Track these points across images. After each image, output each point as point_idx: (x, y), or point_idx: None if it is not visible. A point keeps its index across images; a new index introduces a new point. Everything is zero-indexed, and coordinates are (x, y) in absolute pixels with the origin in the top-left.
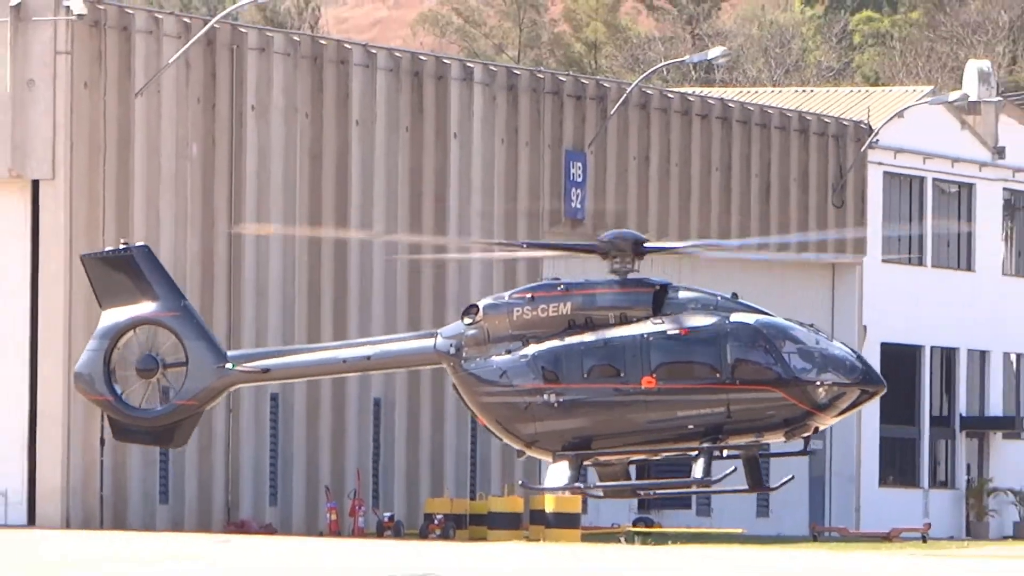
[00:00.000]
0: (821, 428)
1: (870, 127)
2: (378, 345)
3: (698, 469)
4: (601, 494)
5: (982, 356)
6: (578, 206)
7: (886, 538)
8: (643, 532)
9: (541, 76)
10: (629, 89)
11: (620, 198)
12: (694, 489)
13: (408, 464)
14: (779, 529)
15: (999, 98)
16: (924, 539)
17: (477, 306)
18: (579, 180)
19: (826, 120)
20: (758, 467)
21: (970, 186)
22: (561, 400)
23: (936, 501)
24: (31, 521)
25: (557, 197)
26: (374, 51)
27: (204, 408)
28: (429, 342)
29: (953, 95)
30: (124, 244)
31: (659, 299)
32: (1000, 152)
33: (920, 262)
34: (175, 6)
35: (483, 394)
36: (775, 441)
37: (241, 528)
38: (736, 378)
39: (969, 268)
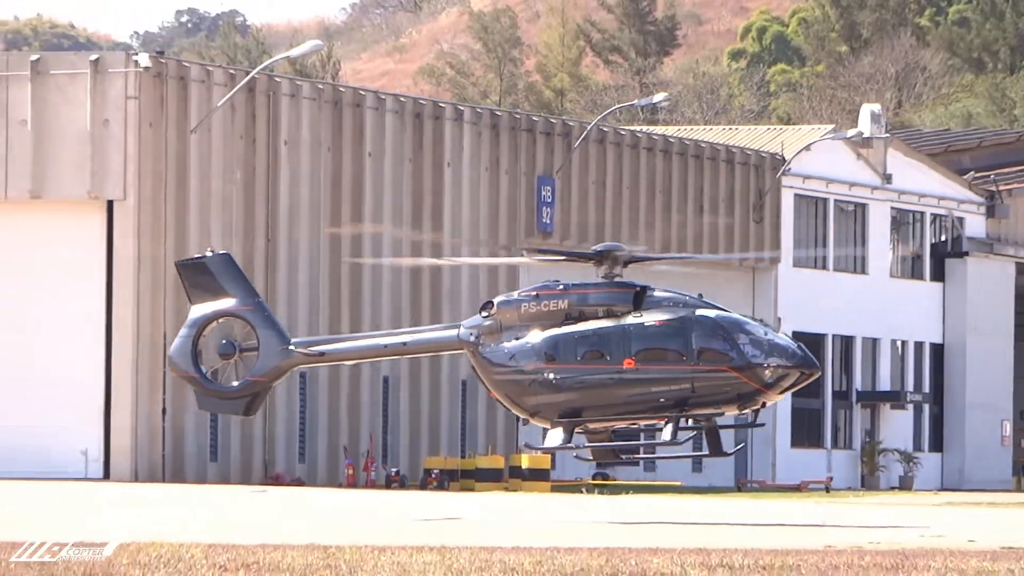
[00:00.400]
0: (768, 404)
1: (783, 158)
2: (412, 334)
3: (667, 433)
4: (589, 455)
5: (874, 343)
6: (548, 221)
7: (797, 489)
8: (600, 484)
9: (518, 117)
10: (589, 127)
11: (582, 215)
12: (664, 450)
13: (411, 429)
14: (710, 482)
15: (887, 135)
16: (827, 490)
17: (492, 302)
18: (549, 200)
19: (748, 152)
20: (718, 436)
21: (864, 206)
22: (558, 378)
23: (837, 459)
24: (106, 475)
25: (531, 214)
26: (383, 97)
27: (272, 384)
28: (453, 332)
29: (850, 132)
30: (210, 251)
31: (639, 297)
32: (888, 178)
33: (824, 267)
34: (223, 60)
35: (496, 373)
36: (731, 413)
37: (276, 480)
38: (700, 361)
39: (863, 272)
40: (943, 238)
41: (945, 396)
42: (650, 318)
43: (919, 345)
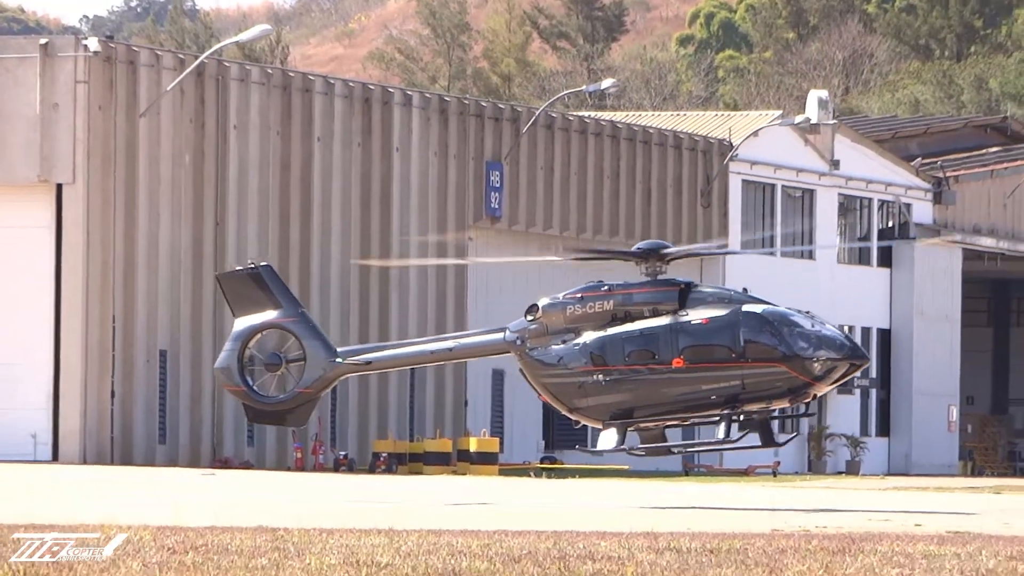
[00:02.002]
0: (819, 395)
1: (731, 144)
2: (458, 339)
3: (720, 431)
4: (643, 454)
5: None
6: (496, 206)
7: (744, 473)
8: (548, 468)
9: (466, 102)
10: (537, 113)
11: (530, 200)
12: (719, 448)
13: (359, 412)
14: (658, 465)
15: (835, 121)
16: (774, 474)
17: (537, 305)
18: (497, 185)
19: (696, 138)
20: (769, 428)
21: (811, 192)
22: (607, 379)
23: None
24: (55, 458)
25: (480, 199)
26: (332, 81)
27: (320, 395)
28: (499, 335)
29: (798, 118)
30: (252, 264)
31: (684, 295)
32: (835, 164)
33: (771, 252)
34: (172, 45)
35: (544, 376)
36: (782, 407)
37: (225, 464)
38: (748, 357)
39: (811, 257)
40: (890, 224)
41: (892, 381)
42: (696, 315)
43: (866, 330)
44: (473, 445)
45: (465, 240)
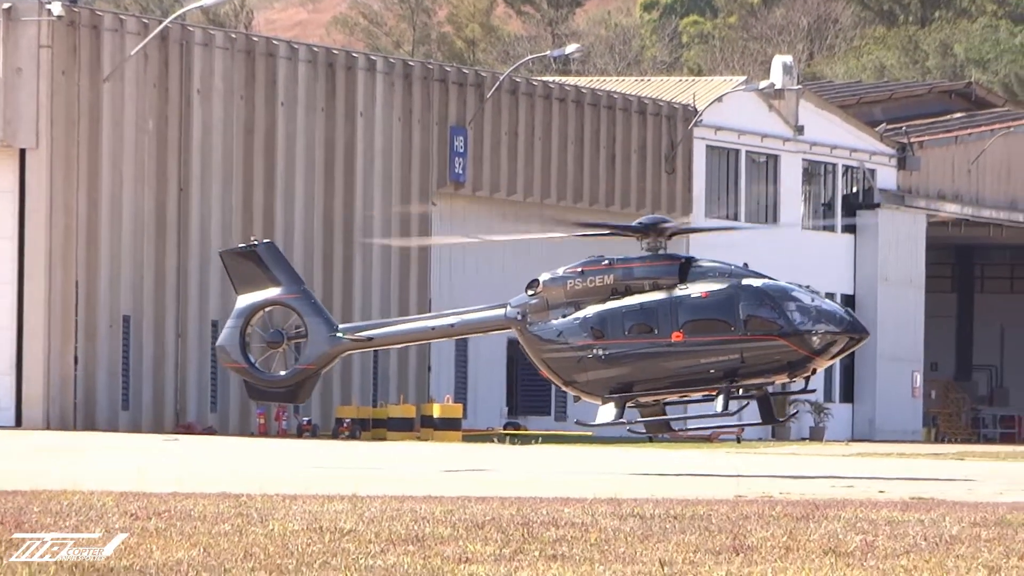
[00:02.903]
0: (818, 369)
1: (695, 109)
2: (459, 315)
3: (719, 404)
4: (643, 429)
5: None
6: (460, 172)
7: (708, 440)
8: (511, 433)
9: (431, 67)
10: (501, 78)
11: (494, 166)
12: (718, 422)
13: (323, 378)
14: (621, 432)
15: (799, 86)
16: (738, 440)
17: (538, 280)
18: (461, 151)
19: (660, 103)
20: (769, 403)
21: (776, 157)
22: (607, 353)
23: (748, 410)
24: (18, 424)
25: (444, 164)
26: (296, 46)
27: (321, 371)
28: (500, 311)
29: (762, 84)
30: (254, 241)
31: (684, 269)
32: (800, 130)
33: (736, 217)
34: (136, 9)
35: (544, 351)
36: (781, 381)
37: (187, 430)
38: (748, 331)
39: (775, 222)
40: (854, 190)
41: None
42: (696, 289)
43: (830, 296)
44: (437, 411)
45: (430, 207)
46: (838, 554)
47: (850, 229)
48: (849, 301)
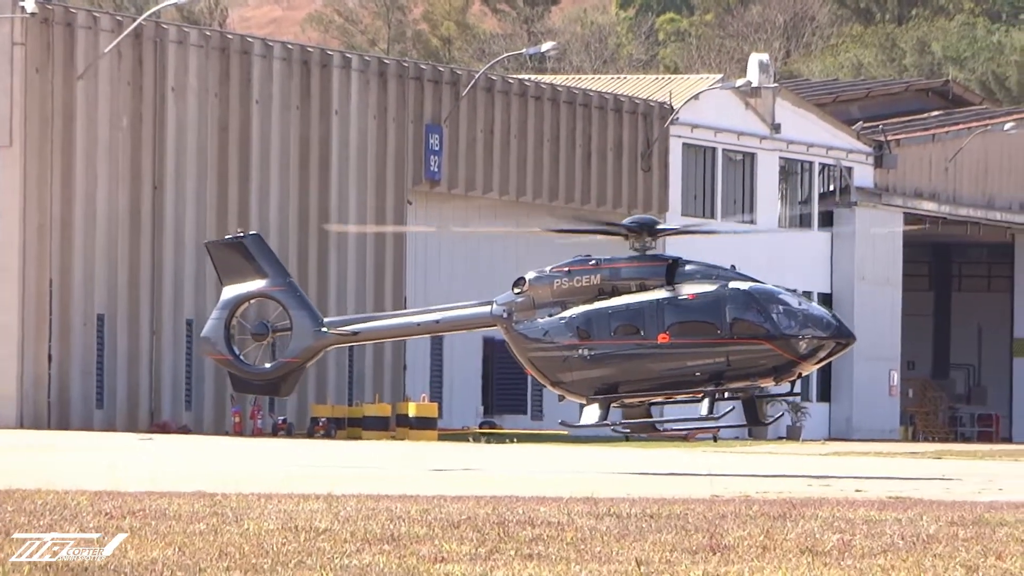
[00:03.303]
0: (804, 374)
1: (672, 107)
2: (445, 311)
3: (704, 408)
4: (627, 430)
5: None
6: (436, 170)
7: (684, 439)
8: (487, 432)
9: (406, 64)
10: (477, 76)
11: (470, 164)
12: (703, 425)
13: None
14: (598, 431)
15: (776, 84)
16: (715, 439)
17: (524, 279)
18: (437, 149)
19: (636, 101)
20: (754, 406)
21: (752, 155)
22: (592, 354)
23: (724, 409)
24: None
25: (419, 162)
26: (271, 44)
27: (306, 365)
28: (486, 308)
29: (739, 82)
30: (240, 232)
31: (671, 270)
32: (776, 128)
33: (712, 216)
34: (110, 6)
35: (530, 350)
36: (767, 385)
37: (162, 428)
38: (734, 334)
39: (752, 221)
40: (831, 188)
41: None
42: (683, 291)
43: (807, 295)
44: (412, 410)
45: (405, 205)
46: (815, 553)
47: (827, 227)
48: (826, 300)
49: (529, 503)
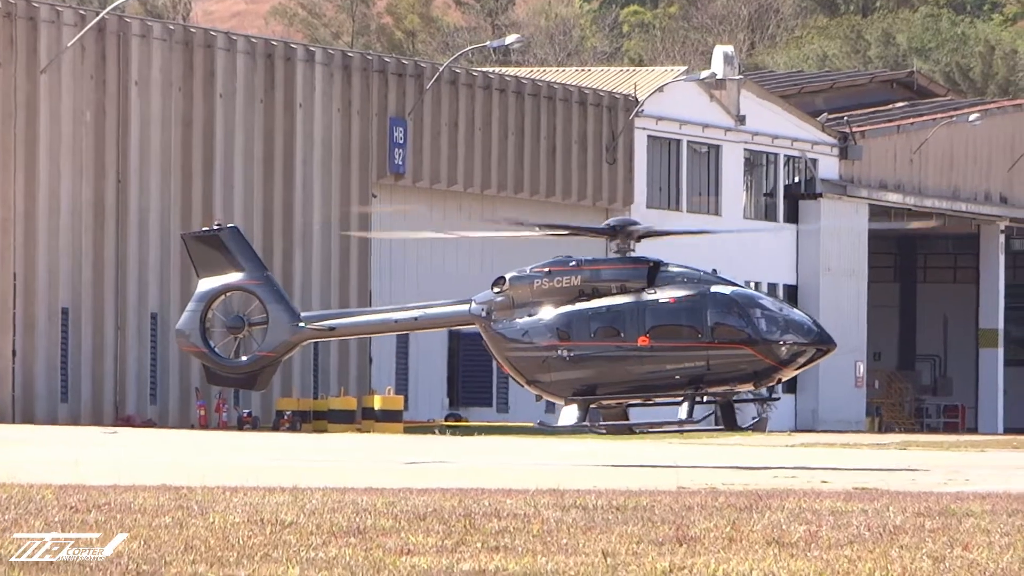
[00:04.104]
0: (784, 380)
1: (636, 99)
2: (423, 309)
3: (683, 411)
4: (604, 431)
5: None
6: (400, 163)
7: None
8: (453, 425)
9: (370, 58)
10: (441, 69)
11: (434, 157)
12: (681, 428)
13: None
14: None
15: (741, 76)
16: (680, 431)
17: (504, 278)
18: (401, 142)
19: (600, 94)
20: (732, 411)
21: (717, 147)
22: (572, 355)
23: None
24: None
25: (383, 156)
26: (235, 38)
27: (281, 359)
28: (465, 307)
29: (703, 74)
30: (217, 225)
31: (652, 273)
32: (741, 120)
33: (677, 208)
34: (72, 1)
35: (508, 349)
36: (746, 389)
37: (127, 422)
38: (715, 338)
39: (717, 213)
40: (796, 180)
41: None
42: (664, 295)
43: (773, 286)
44: (378, 403)
45: (369, 198)
46: (781, 544)
47: (793, 219)
48: (792, 292)
49: (495, 495)
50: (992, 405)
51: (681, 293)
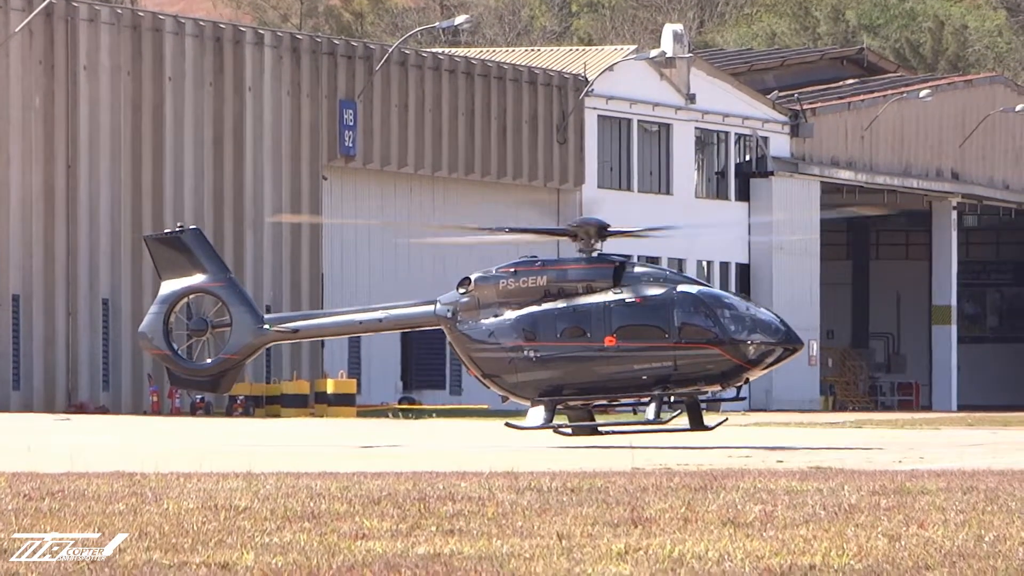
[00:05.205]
0: (751, 379)
1: (586, 79)
2: (388, 310)
3: (650, 412)
4: (570, 432)
5: (680, 263)
6: (351, 145)
7: (605, 412)
8: (406, 408)
9: (319, 40)
10: (390, 50)
11: (385, 138)
12: (648, 428)
13: (215, 355)
14: (518, 406)
15: (690, 55)
16: (635, 411)
17: (470, 278)
18: (351, 124)
19: (550, 73)
20: (699, 410)
21: (668, 126)
22: (538, 356)
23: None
24: None
25: (334, 138)
26: (183, 21)
27: (245, 361)
28: (430, 308)
29: (653, 52)
30: (179, 226)
31: (618, 273)
32: (692, 98)
33: (628, 187)
34: None
35: (474, 350)
36: (713, 390)
37: (80, 409)
38: (681, 338)
39: (668, 192)
40: (747, 158)
41: None
42: (631, 294)
43: (724, 265)
44: (330, 387)
45: (320, 181)
46: (737, 524)
47: (744, 197)
48: (744, 270)
49: (449, 478)
50: (946, 382)
51: (647, 293)
